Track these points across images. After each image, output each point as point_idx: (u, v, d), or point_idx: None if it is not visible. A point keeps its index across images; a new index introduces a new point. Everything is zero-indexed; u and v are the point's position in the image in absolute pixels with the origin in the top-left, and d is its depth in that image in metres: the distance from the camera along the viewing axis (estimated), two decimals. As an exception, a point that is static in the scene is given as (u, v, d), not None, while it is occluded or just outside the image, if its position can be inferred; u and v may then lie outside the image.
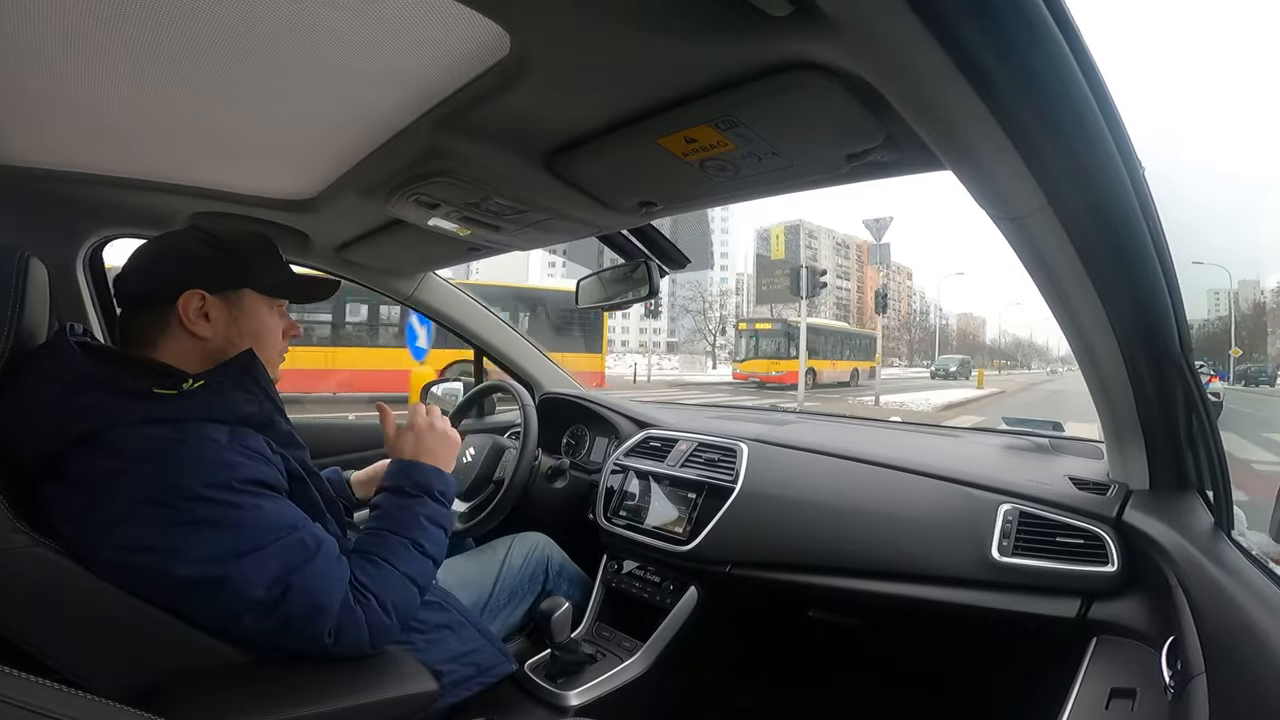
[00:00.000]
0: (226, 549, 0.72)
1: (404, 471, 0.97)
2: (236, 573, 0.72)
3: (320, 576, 0.77)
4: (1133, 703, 0.78)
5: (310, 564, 0.76)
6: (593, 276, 1.59)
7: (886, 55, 0.57)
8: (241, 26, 0.68)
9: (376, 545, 0.87)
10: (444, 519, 0.95)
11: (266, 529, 0.75)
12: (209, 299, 0.85)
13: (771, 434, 1.48)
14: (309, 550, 0.77)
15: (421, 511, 0.93)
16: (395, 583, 0.84)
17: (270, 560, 0.74)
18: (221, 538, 0.72)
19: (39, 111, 0.91)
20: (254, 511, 0.75)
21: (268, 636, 0.76)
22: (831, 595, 1.22)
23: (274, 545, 0.74)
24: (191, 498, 0.71)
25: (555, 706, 1.18)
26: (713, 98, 0.72)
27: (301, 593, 0.75)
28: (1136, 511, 0.96)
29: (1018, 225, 0.74)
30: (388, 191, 1.04)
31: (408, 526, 0.90)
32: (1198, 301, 31.44)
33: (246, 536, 0.73)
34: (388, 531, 0.89)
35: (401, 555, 0.87)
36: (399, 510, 0.92)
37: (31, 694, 0.38)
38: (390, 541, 0.88)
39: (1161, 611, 0.84)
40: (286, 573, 0.74)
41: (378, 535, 0.89)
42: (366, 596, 0.81)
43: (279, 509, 0.78)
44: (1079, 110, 0.58)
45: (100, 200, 1.23)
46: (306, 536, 0.78)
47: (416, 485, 0.95)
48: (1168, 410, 0.90)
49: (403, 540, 0.89)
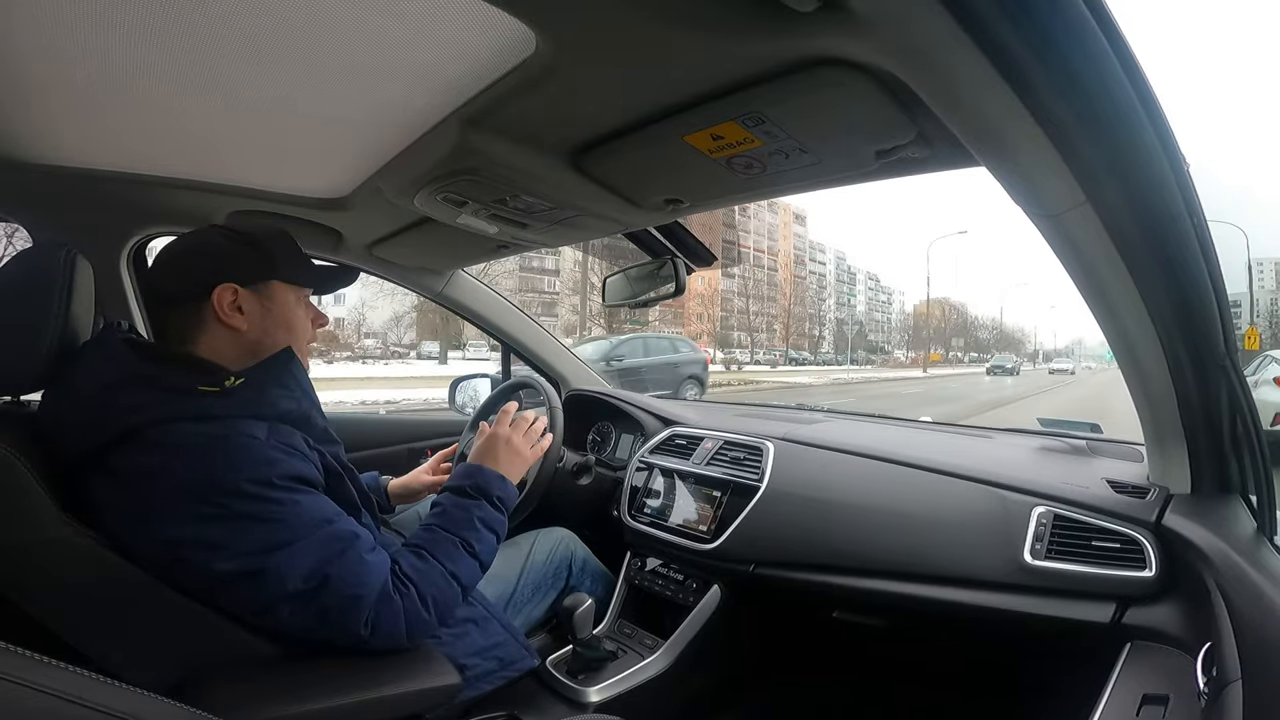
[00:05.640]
0: (265, 543, 0.74)
1: (468, 473, 1.01)
2: (274, 565, 0.74)
3: (355, 568, 0.78)
4: (1164, 709, 0.76)
5: (345, 555, 0.78)
6: (619, 274, 1.59)
7: (918, 52, 0.56)
8: (271, 27, 0.69)
9: (427, 540, 0.90)
10: (498, 524, 0.98)
11: (304, 523, 0.77)
12: (241, 291, 0.87)
13: (798, 433, 1.47)
14: (344, 542, 0.79)
15: (477, 514, 0.96)
16: (437, 578, 0.86)
17: (307, 553, 0.75)
18: (260, 532, 0.74)
19: (88, 115, 0.94)
20: (292, 507, 0.76)
21: (305, 629, 0.78)
22: (857, 596, 1.20)
23: (311, 538, 0.76)
24: (232, 493, 0.73)
25: (575, 702, 1.19)
26: (740, 94, 0.71)
27: (338, 584, 0.76)
28: (1177, 516, 0.93)
29: (1055, 222, 0.72)
30: (417, 189, 1.06)
31: (461, 526, 0.93)
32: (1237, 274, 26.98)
33: (284, 530, 0.75)
34: (440, 528, 0.92)
35: (449, 552, 0.89)
36: (456, 509, 0.95)
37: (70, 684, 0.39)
38: (441, 538, 0.91)
39: (1199, 617, 0.82)
40: (323, 565, 0.76)
41: (430, 531, 0.92)
42: (406, 587, 0.82)
43: (316, 503, 0.80)
44: (1119, 105, 0.56)
45: (144, 200, 1.27)
46: (342, 530, 0.80)
47: (476, 488, 0.99)
48: (1211, 412, 0.87)
49: (453, 538, 0.91)
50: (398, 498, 1.34)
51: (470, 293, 1.84)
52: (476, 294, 1.85)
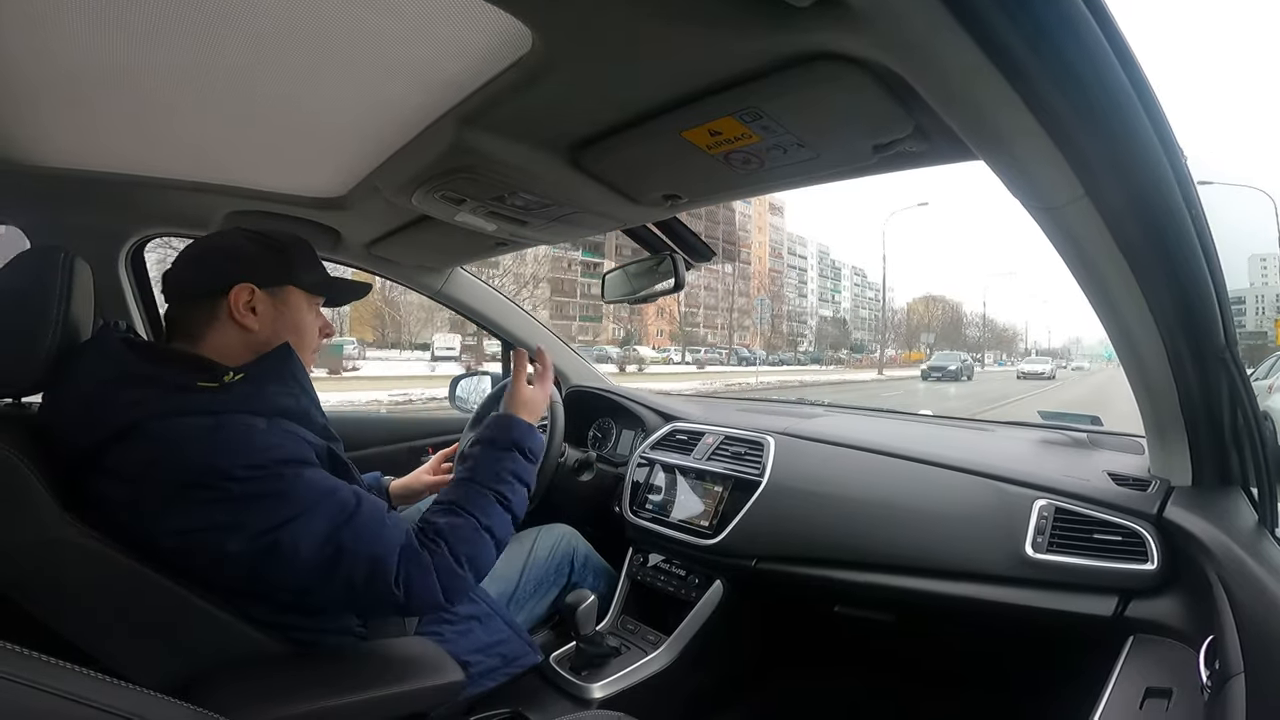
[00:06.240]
0: (272, 518, 0.74)
1: (499, 424, 0.99)
2: (287, 539, 0.74)
3: (368, 528, 0.78)
4: (1168, 702, 0.77)
5: (356, 518, 0.78)
6: (618, 270, 1.59)
7: (914, 46, 0.55)
8: (269, 26, 0.69)
9: (459, 495, 0.89)
10: (529, 476, 0.97)
11: (308, 495, 0.77)
12: (257, 293, 0.87)
13: (799, 427, 1.47)
14: (351, 506, 0.78)
15: (510, 465, 0.94)
16: (470, 532, 0.85)
17: (316, 521, 0.75)
18: (265, 508, 0.74)
19: (84, 116, 0.94)
20: (294, 481, 0.76)
21: (343, 607, 0.77)
22: (859, 590, 1.20)
23: (317, 508, 0.76)
24: (231, 477, 0.73)
25: (579, 699, 1.19)
26: (737, 90, 0.71)
27: (354, 547, 0.76)
28: (1178, 508, 0.93)
29: (1054, 215, 0.71)
30: (415, 188, 1.05)
31: (494, 479, 0.92)
32: (1238, 270, 24.51)
33: (289, 504, 0.75)
34: (472, 481, 0.91)
35: (483, 506, 0.88)
36: (489, 461, 0.94)
37: (75, 684, 0.39)
38: (473, 492, 0.89)
39: (1201, 610, 0.82)
40: (334, 531, 0.76)
41: (462, 485, 0.91)
42: (437, 543, 0.82)
43: (317, 476, 0.80)
44: (1115, 98, 0.56)
45: (142, 201, 1.27)
46: (347, 495, 0.79)
47: (509, 440, 0.97)
48: (1212, 404, 0.87)
49: (486, 491, 0.90)
50: (399, 498, 1.34)
51: (469, 290, 1.84)
52: (476, 291, 1.85)
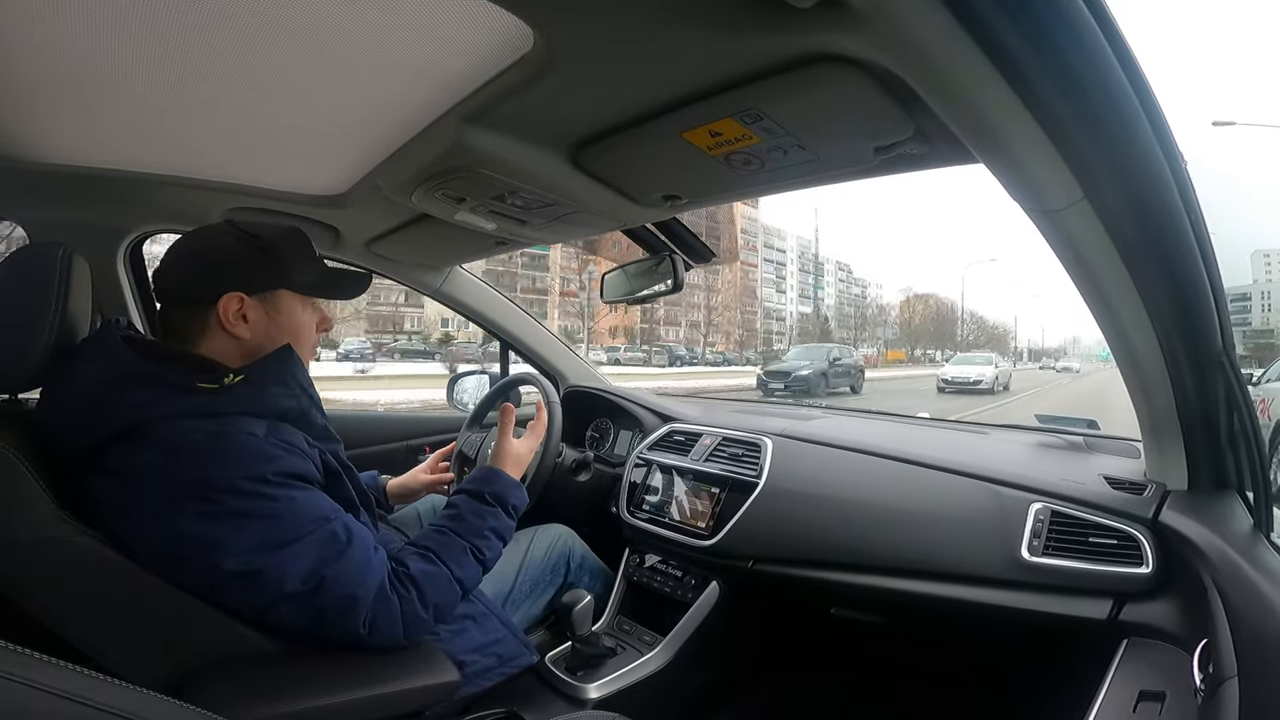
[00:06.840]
0: (263, 541, 0.74)
1: (486, 478, 1.01)
2: (274, 565, 0.74)
3: (354, 568, 0.78)
4: (1161, 705, 0.77)
5: (344, 556, 0.78)
6: (617, 270, 1.59)
7: (916, 48, 0.56)
8: (269, 24, 0.69)
9: (437, 543, 0.90)
10: (508, 532, 0.99)
11: (301, 521, 0.76)
12: (247, 301, 0.86)
13: (796, 429, 1.47)
14: (341, 543, 0.79)
15: (492, 522, 0.96)
16: (443, 583, 0.86)
17: (305, 553, 0.75)
18: (258, 529, 0.74)
19: (84, 113, 0.94)
20: (289, 504, 0.76)
21: (304, 628, 0.78)
22: (855, 592, 1.21)
23: (309, 538, 0.76)
24: (229, 491, 0.73)
25: (575, 699, 1.19)
26: (737, 91, 0.71)
27: (335, 585, 0.76)
28: (1174, 512, 0.93)
29: (1053, 219, 0.72)
30: (415, 186, 1.05)
31: (474, 533, 0.93)
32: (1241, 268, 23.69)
33: (282, 529, 0.75)
34: (454, 533, 0.92)
35: (459, 559, 0.90)
36: (472, 515, 0.95)
37: (70, 682, 0.39)
38: (453, 544, 0.91)
39: (1195, 614, 0.82)
40: (321, 565, 0.76)
41: (443, 535, 0.92)
42: (408, 590, 0.82)
43: (313, 501, 0.80)
44: (1116, 102, 0.56)
45: (141, 197, 1.27)
46: (339, 529, 0.79)
47: (495, 495, 0.99)
48: (1208, 408, 0.87)
49: (464, 545, 0.91)
50: (396, 497, 1.34)
51: (468, 289, 1.83)
52: (475, 291, 1.85)
